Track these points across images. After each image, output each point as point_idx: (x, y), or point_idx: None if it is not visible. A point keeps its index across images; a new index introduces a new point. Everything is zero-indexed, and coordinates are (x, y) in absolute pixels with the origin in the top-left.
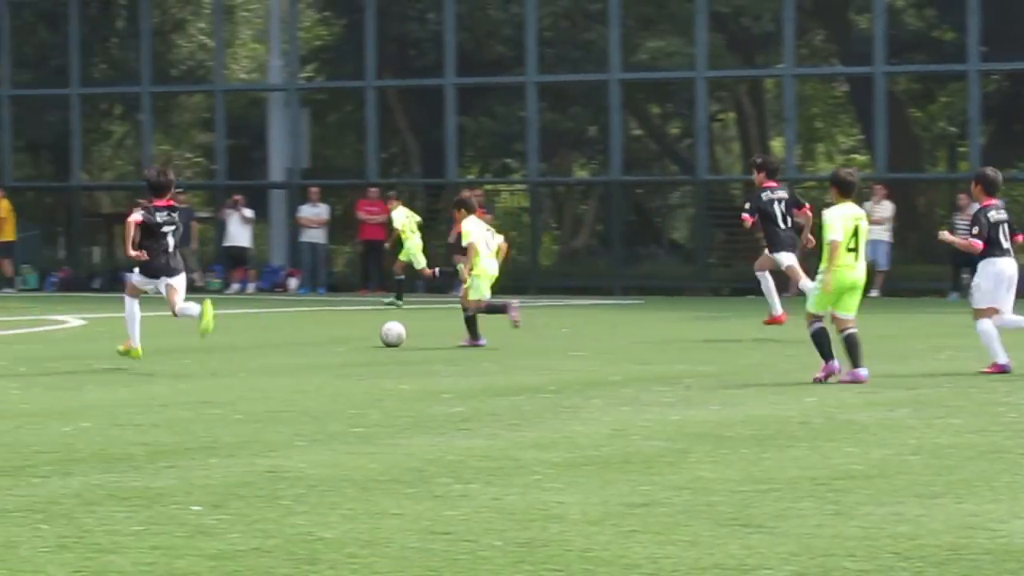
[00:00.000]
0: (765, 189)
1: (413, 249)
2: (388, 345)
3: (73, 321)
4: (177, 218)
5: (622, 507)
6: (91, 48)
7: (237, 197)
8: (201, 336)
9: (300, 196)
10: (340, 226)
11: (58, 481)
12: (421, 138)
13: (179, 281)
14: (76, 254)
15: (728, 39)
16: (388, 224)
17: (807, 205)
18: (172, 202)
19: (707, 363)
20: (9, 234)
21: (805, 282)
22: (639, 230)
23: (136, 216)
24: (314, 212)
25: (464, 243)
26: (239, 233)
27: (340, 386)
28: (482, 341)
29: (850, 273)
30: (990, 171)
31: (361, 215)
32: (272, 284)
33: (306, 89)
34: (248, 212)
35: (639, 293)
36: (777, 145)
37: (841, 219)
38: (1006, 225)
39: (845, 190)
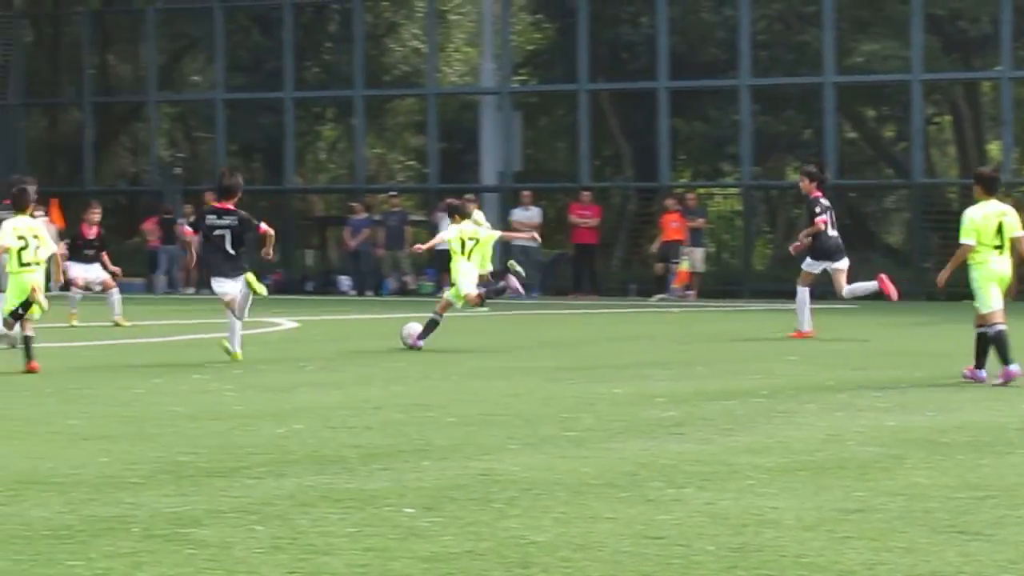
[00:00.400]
0: (818, 197)
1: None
2: (409, 347)
3: (286, 323)
4: (233, 221)
5: (836, 513)
6: (305, 52)
7: (449, 200)
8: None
9: (512, 199)
10: (552, 229)
11: (272, 482)
12: (633, 141)
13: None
14: (289, 257)
15: (944, 41)
16: (598, 227)
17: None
18: (230, 206)
19: (922, 368)
20: None
21: (850, 288)
22: (853, 234)
23: (185, 227)
24: (526, 215)
25: (443, 244)
26: None
27: (552, 390)
28: (420, 343)
29: (989, 267)
30: None
31: (573, 218)
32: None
33: (518, 92)
34: None
35: (853, 298)
36: (994, 148)
37: (981, 219)
38: None
39: (989, 188)
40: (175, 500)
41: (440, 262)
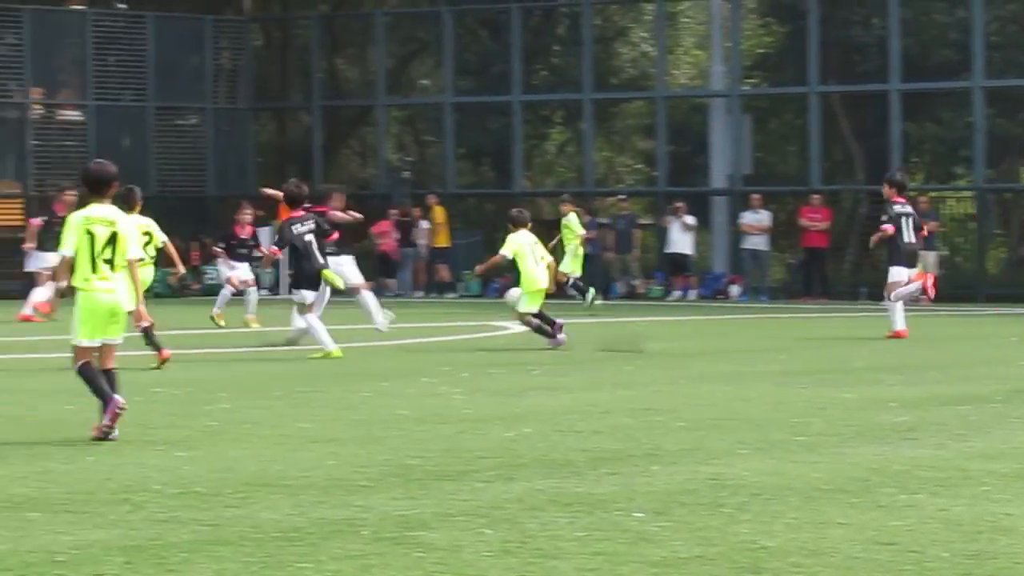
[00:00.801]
0: (896, 203)
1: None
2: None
3: (515, 327)
4: (313, 222)
5: None
6: (533, 55)
7: (678, 204)
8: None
9: (742, 203)
10: (782, 233)
11: (501, 486)
12: (864, 144)
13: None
14: None
15: None
16: (828, 230)
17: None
18: (304, 211)
19: None
20: (444, 240)
21: (900, 291)
22: None
23: (274, 248)
24: (755, 219)
25: (507, 254)
26: (681, 240)
27: (782, 394)
28: (562, 336)
29: None
30: None
31: (804, 222)
32: (714, 291)
33: (748, 95)
34: (690, 219)
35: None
36: None
37: None
38: None
39: None
40: (404, 503)
41: (669, 266)
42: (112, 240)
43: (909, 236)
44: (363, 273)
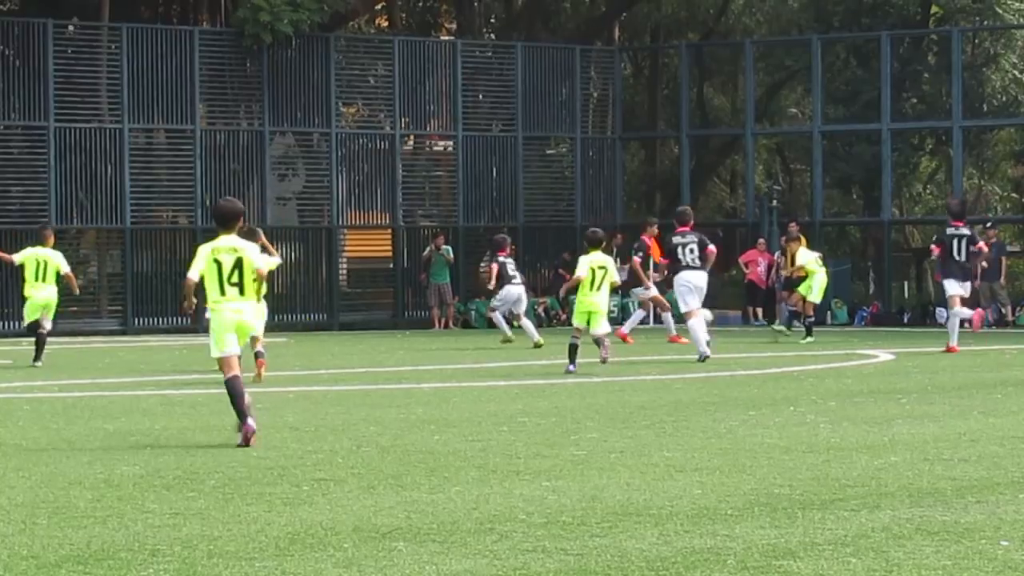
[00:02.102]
0: (951, 227)
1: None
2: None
3: (883, 356)
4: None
5: None
6: (902, 83)
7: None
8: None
9: None
10: None
11: (867, 515)
12: None
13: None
14: (885, 289)
15: None
16: None
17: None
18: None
19: None
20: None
21: (958, 311)
22: None
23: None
24: None
25: (582, 274)
26: None
27: None
28: (572, 367)
29: None
30: None
31: None
32: None
33: None
34: None
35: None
36: None
37: None
38: None
39: None
40: (770, 532)
41: None
42: (238, 265)
43: (957, 254)
44: (732, 301)
